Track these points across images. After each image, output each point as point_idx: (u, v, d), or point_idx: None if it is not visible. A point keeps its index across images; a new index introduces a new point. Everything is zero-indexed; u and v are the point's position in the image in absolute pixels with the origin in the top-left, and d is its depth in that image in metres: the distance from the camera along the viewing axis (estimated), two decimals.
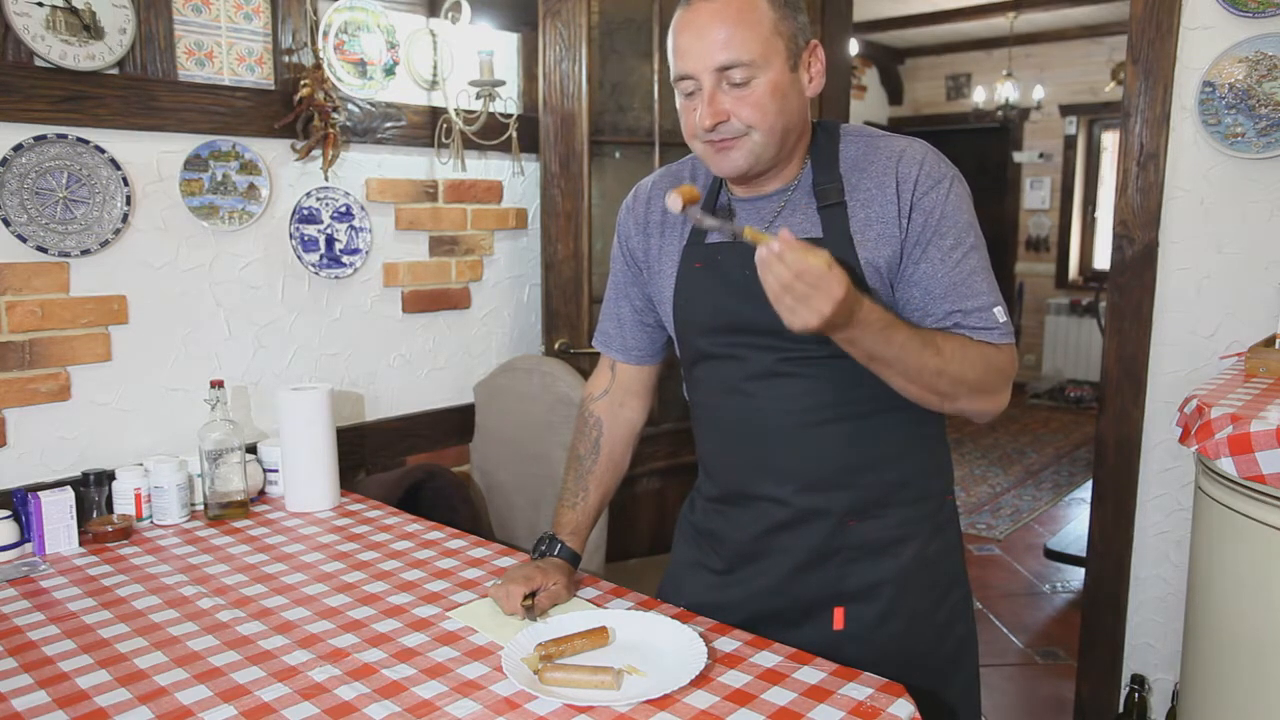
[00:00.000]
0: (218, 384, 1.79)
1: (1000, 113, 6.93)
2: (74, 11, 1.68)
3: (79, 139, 1.72)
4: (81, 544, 1.65)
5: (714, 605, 1.35)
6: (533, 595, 1.31)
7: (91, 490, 1.73)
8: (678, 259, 1.34)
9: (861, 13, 6.19)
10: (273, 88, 1.99)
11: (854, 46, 5.94)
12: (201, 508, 1.82)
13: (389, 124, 2.20)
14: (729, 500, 1.37)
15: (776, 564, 1.32)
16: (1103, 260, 7.39)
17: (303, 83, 1.97)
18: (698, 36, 1.17)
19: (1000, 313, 1.22)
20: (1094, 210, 7.53)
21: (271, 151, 2.01)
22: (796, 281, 1.02)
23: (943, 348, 1.16)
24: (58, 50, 1.67)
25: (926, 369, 1.15)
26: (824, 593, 1.30)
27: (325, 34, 2.00)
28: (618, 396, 1.51)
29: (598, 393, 1.52)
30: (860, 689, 1.11)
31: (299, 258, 2.07)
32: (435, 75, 2.28)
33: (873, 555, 1.29)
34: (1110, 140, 7.40)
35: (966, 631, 1.39)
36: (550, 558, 1.40)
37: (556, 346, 2.44)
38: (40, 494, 1.62)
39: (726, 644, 1.22)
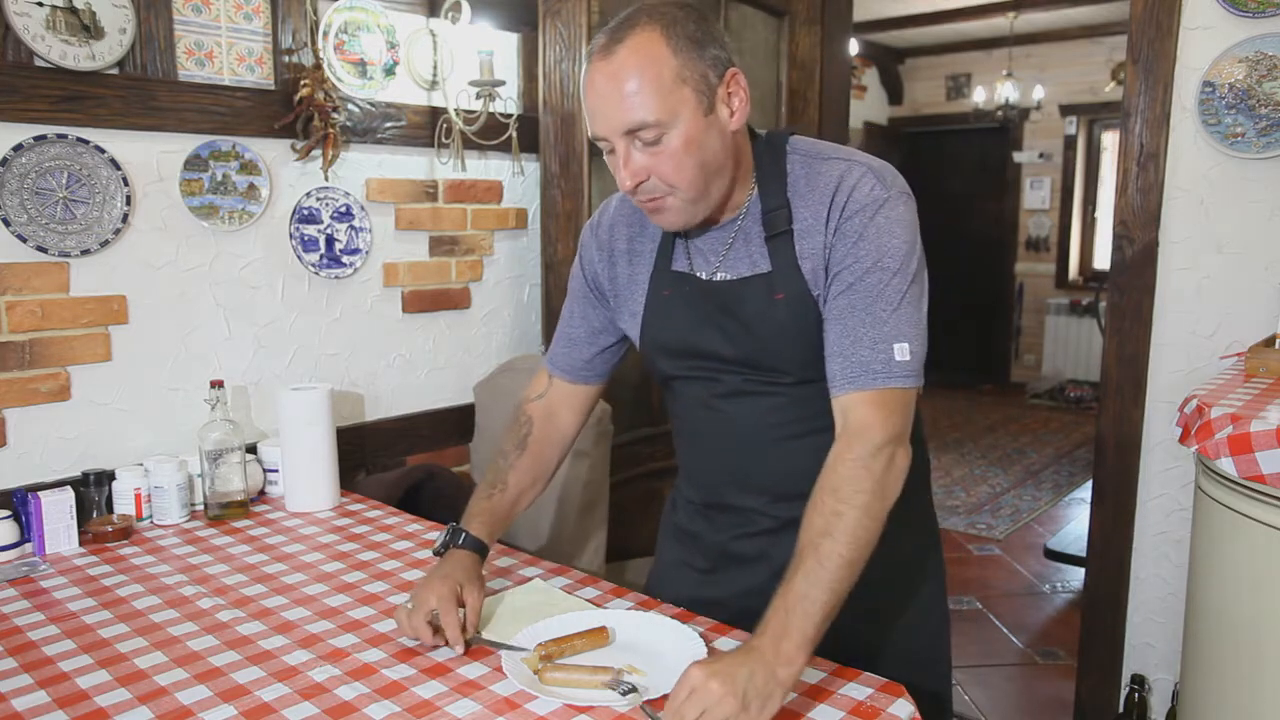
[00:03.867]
0: (218, 384, 1.79)
1: (1000, 113, 6.92)
2: (74, 11, 1.68)
3: (79, 139, 1.72)
4: (81, 544, 1.65)
5: (699, 601, 1.35)
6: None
7: (91, 490, 1.73)
8: (646, 286, 1.33)
9: (861, 13, 6.18)
10: (273, 88, 1.99)
11: (854, 46, 5.94)
12: (201, 508, 1.82)
13: (389, 124, 2.20)
14: (710, 506, 1.38)
15: (760, 567, 1.32)
16: (1103, 260, 7.39)
17: (303, 83, 1.97)
18: (602, 99, 1.11)
19: (902, 350, 1.13)
20: (1094, 210, 7.53)
21: (271, 151, 2.01)
22: None
23: (831, 527, 1.06)
24: (58, 50, 1.67)
25: (850, 556, 1.06)
26: None
27: (325, 34, 2.00)
28: (551, 406, 1.46)
29: (534, 395, 1.47)
30: (860, 689, 1.11)
31: (299, 258, 2.07)
32: (435, 75, 2.28)
33: None
34: (1110, 140, 7.40)
35: (940, 621, 1.40)
36: (454, 550, 1.30)
37: None
38: (40, 494, 1.62)
39: (726, 644, 1.22)
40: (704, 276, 1.26)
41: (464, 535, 1.32)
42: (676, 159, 1.12)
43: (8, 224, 1.65)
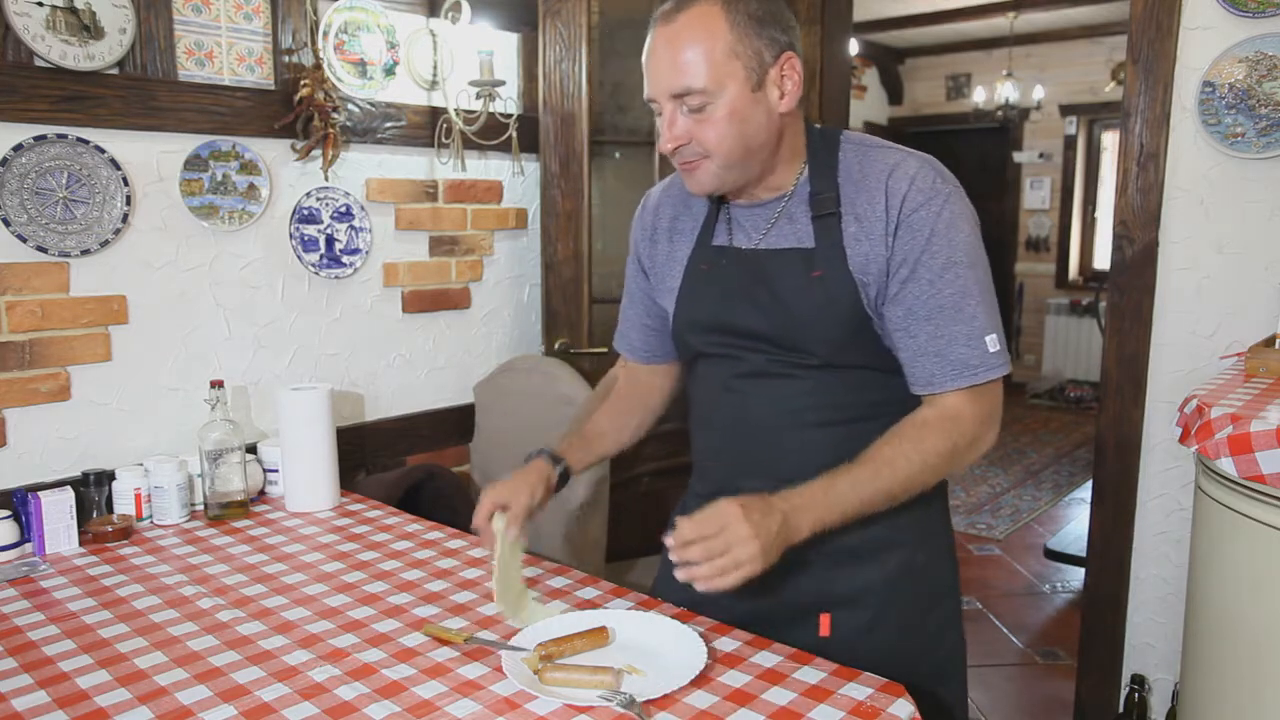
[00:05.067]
0: (218, 384, 1.79)
1: (1000, 113, 6.92)
2: (74, 11, 1.68)
3: (79, 139, 1.72)
4: (81, 544, 1.65)
5: (703, 601, 1.34)
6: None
7: (91, 490, 1.73)
8: (685, 263, 1.36)
9: (861, 13, 6.18)
10: (273, 88, 1.99)
11: (854, 46, 5.94)
12: (201, 508, 1.82)
13: (389, 124, 2.20)
14: (716, 498, 1.37)
15: None
16: (1103, 260, 7.38)
17: (303, 83, 1.97)
18: (655, 62, 1.17)
19: (993, 341, 1.18)
20: (1094, 210, 7.53)
21: (271, 151, 2.01)
22: (714, 554, 1.06)
23: (895, 461, 1.16)
24: (58, 50, 1.67)
25: (894, 491, 1.16)
26: (810, 597, 1.30)
27: (325, 34, 2.00)
28: (635, 373, 1.54)
29: (620, 365, 1.56)
30: (860, 689, 1.11)
31: (299, 258, 2.07)
32: (435, 75, 2.28)
33: (858, 561, 1.29)
34: (1110, 140, 7.40)
35: (956, 642, 1.38)
36: (532, 460, 1.39)
37: (556, 346, 2.44)
38: (40, 494, 1.62)
39: (726, 644, 1.22)
40: (744, 247, 1.29)
41: (542, 450, 1.40)
42: (719, 128, 1.16)
43: (8, 224, 1.65)
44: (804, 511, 1.11)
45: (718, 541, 1.06)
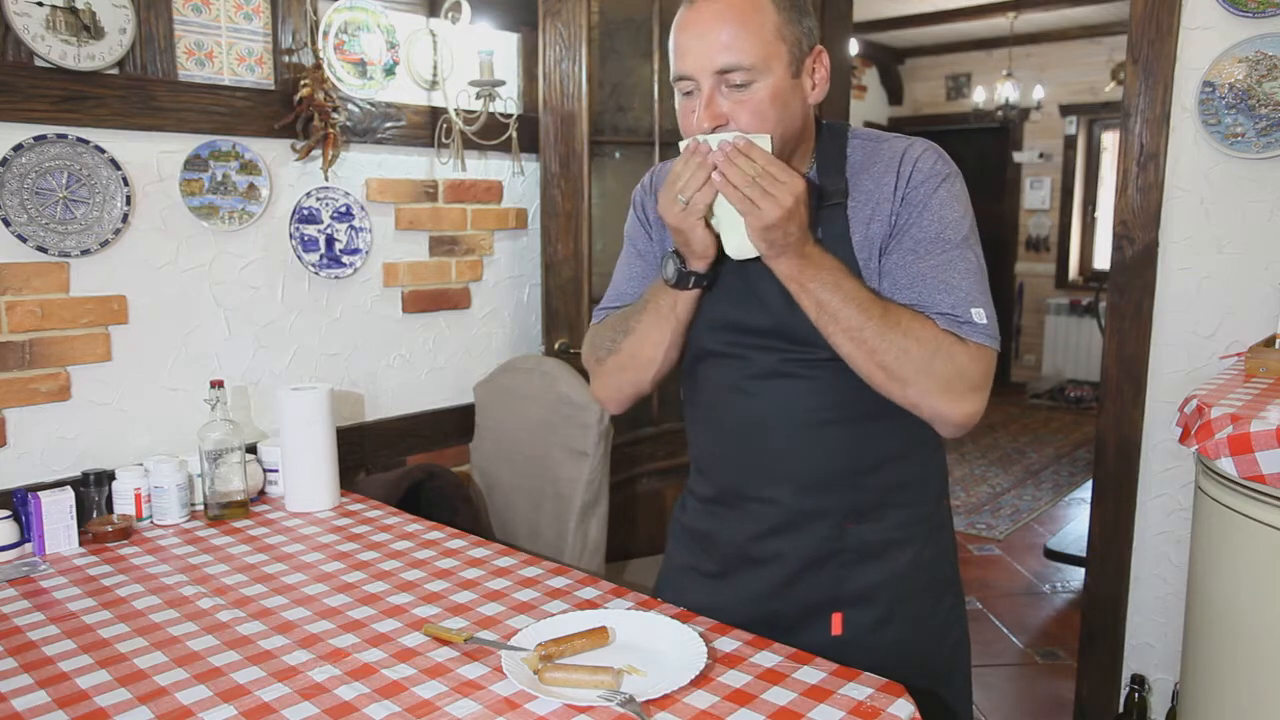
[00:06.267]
0: (218, 384, 1.79)
1: (1000, 113, 6.93)
2: (74, 11, 1.68)
3: (79, 139, 1.72)
4: (81, 544, 1.65)
5: (709, 608, 1.34)
6: None
7: (91, 490, 1.73)
8: None
9: (861, 13, 6.18)
10: (273, 88, 1.99)
11: (854, 46, 5.94)
12: (201, 508, 1.82)
13: (389, 124, 2.20)
14: (723, 501, 1.36)
15: (774, 568, 1.31)
16: (1103, 260, 7.39)
17: (303, 83, 1.97)
18: (699, 37, 1.15)
19: (979, 314, 1.16)
20: (1094, 210, 7.53)
21: (271, 151, 2.01)
22: (769, 167, 1.09)
23: (891, 314, 1.14)
24: (58, 50, 1.67)
25: (869, 327, 1.12)
26: (822, 597, 1.30)
27: (325, 34, 2.00)
28: None
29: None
30: (860, 689, 1.11)
31: (299, 258, 2.07)
32: (435, 75, 2.28)
33: (870, 558, 1.29)
34: (1110, 140, 7.40)
35: (961, 635, 1.39)
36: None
37: (556, 346, 2.44)
38: (40, 494, 1.62)
39: (726, 644, 1.22)
40: None
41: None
42: (761, 108, 1.15)
43: (8, 224, 1.65)
44: (810, 262, 1.14)
45: (768, 181, 1.09)
